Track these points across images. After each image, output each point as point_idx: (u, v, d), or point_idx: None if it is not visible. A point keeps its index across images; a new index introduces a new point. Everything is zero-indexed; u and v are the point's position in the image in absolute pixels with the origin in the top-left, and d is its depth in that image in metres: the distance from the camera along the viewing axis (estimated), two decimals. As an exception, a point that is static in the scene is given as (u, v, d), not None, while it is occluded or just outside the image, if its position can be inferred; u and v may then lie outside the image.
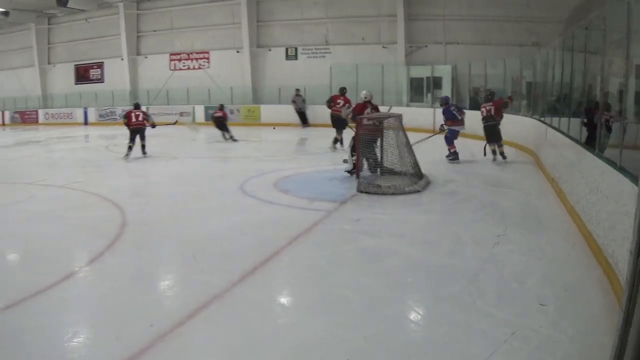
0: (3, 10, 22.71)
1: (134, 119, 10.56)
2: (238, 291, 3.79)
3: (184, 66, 21.26)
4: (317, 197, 6.70)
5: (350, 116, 8.74)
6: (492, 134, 9.11)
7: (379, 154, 7.63)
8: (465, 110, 9.70)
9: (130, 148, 10.56)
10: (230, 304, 3.61)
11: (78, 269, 4.55)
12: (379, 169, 7.49)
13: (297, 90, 17.07)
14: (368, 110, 8.39)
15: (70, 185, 8.49)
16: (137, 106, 11.32)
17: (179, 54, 21.33)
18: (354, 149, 7.80)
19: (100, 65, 23.87)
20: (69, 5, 21.21)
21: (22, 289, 4.00)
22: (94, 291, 4.08)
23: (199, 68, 20.82)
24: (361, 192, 6.80)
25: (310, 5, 18.34)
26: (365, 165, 7.63)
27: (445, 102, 9.58)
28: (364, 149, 7.56)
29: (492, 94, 9.69)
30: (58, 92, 25.36)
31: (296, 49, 18.68)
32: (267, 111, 17.73)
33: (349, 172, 7.92)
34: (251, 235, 5.25)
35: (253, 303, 3.62)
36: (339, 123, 10.70)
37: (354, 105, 9.28)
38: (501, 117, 9.12)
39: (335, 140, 10.94)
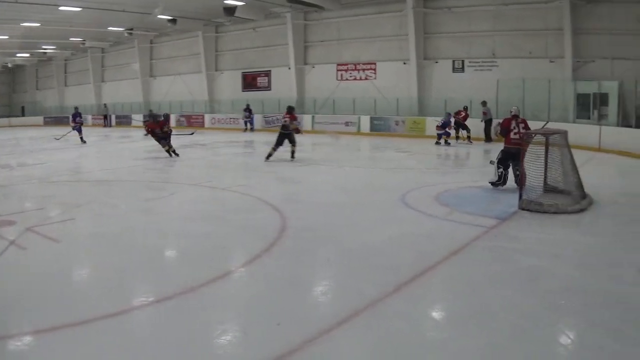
0: (171, 17, 30.13)
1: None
2: (391, 302, 4.81)
3: (350, 77, 28.08)
4: (478, 213, 8.31)
5: (498, 131, 10.74)
6: None
7: (542, 171, 9.14)
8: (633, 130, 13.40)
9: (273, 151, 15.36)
10: (381, 315, 4.59)
11: (234, 269, 6.02)
12: (542, 187, 9.09)
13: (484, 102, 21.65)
14: (514, 124, 10.31)
15: (233, 188, 10.91)
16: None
17: (346, 64, 28.17)
18: (500, 161, 10.28)
19: (267, 74, 31.73)
20: (236, 14, 28.06)
21: (178, 284, 5.35)
22: (248, 292, 5.37)
23: (366, 79, 27.45)
24: (523, 209, 8.42)
25: (477, 17, 23.56)
26: (513, 179, 9.88)
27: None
28: (512, 162, 9.96)
29: None
30: (225, 98, 33.71)
31: (463, 62, 24.12)
32: (433, 123, 22.86)
33: (492, 183, 10.33)
34: (409, 248, 6.72)
35: (404, 315, 4.61)
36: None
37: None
38: None
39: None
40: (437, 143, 20.26)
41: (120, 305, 4.99)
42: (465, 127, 20.97)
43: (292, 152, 15.37)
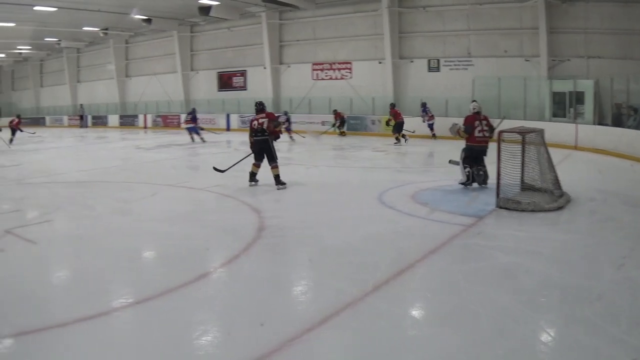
0: (145, 17, 29.81)
1: None
2: (371, 301, 4.83)
3: (326, 76, 27.71)
4: (455, 211, 8.39)
5: (462, 129, 10.47)
6: None
7: (519, 170, 9.17)
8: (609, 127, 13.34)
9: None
10: (361, 314, 4.58)
11: (213, 270, 6.03)
12: (519, 185, 9.15)
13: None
14: (479, 121, 10.32)
15: (211, 189, 10.82)
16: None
17: (322, 63, 27.80)
18: (465, 160, 10.29)
19: (243, 73, 31.21)
20: (211, 14, 27.71)
21: (157, 286, 5.31)
22: (227, 292, 5.37)
23: (342, 78, 27.10)
24: (500, 207, 8.45)
25: (452, 17, 23.37)
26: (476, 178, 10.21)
27: None
28: (476, 160, 10.22)
29: None
30: (201, 98, 33.14)
31: (438, 61, 23.89)
32: (409, 123, 22.51)
33: (463, 184, 10.31)
34: (387, 246, 6.72)
35: (384, 314, 4.60)
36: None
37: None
38: None
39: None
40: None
41: (99, 307, 4.92)
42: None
43: (277, 176, 10.96)
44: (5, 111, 49.02)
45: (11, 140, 23.41)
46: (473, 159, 10.35)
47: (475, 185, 10.40)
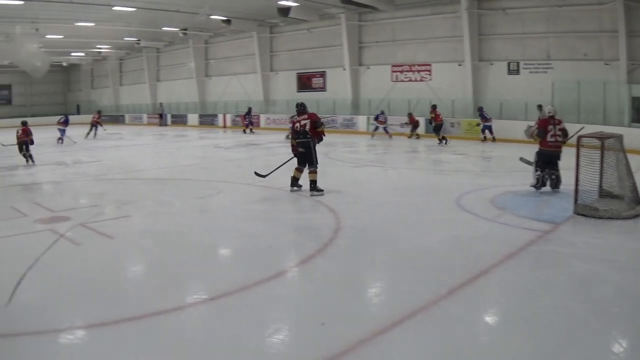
0: (225, 18, 32.19)
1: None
2: (444, 305, 5.09)
3: (405, 78, 29.69)
4: (533, 216, 8.67)
5: (535, 132, 10.91)
6: None
7: (597, 176, 9.28)
8: None
9: None
10: (434, 318, 4.86)
11: (288, 269, 6.40)
12: (598, 192, 9.32)
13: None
14: (552, 125, 10.62)
15: (288, 188, 11.21)
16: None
17: (401, 65, 29.78)
18: (537, 164, 10.68)
19: (322, 74, 33.65)
20: (290, 15, 29.74)
21: (231, 282, 5.76)
22: (301, 292, 5.72)
23: (421, 80, 28.98)
24: (578, 214, 8.67)
25: (531, 18, 24.63)
26: (548, 182, 10.55)
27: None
28: (548, 165, 10.56)
29: None
30: (280, 98, 35.78)
31: (518, 64, 25.30)
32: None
33: (533, 186, 10.69)
34: (463, 250, 6.98)
35: (457, 318, 4.86)
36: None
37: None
38: None
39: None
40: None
41: (173, 302, 5.33)
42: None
43: (313, 182, 10.96)
44: (84, 109, 53.33)
45: (88, 135, 28.12)
46: (545, 163, 10.69)
47: (545, 189, 10.78)
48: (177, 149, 23.77)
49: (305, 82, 34.89)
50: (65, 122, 26.70)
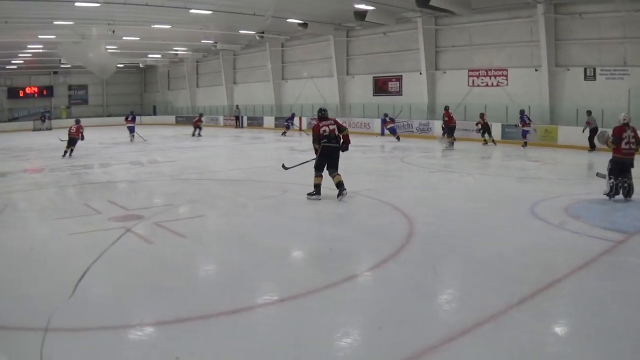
0: (301, 21, 34.99)
1: None
2: (514, 314, 5.34)
3: (482, 82, 31.65)
4: (607, 226, 8.93)
5: (611, 139, 11.27)
6: None
7: None
8: None
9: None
10: (504, 327, 5.09)
11: (359, 273, 6.77)
12: None
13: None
14: (627, 132, 11.06)
15: (362, 192, 11.72)
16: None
17: (477, 70, 31.73)
18: (610, 172, 11.08)
19: (398, 79, 36.11)
20: (367, 19, 32.18)
21: (302, 285, 6.09)
22: (372, 296, 6.01)
23: (497, 85, 30.85)
24: None
25: (607, 23, 25.90)
26: (621, 190, 10.97)
27: None
28: (622, 173, 10.92)
29: None
30: (356, 102, 38.36)
31: (594, 69, 26.71)
32: (565, 132, 25.87)
33: (607, 195, 11.12)
34: (536, 259, 7.27)
35: (527, 328, 5.09)
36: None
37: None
38: None
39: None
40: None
41: (243, 302, 5.64)
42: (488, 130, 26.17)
43: (340, 185, 11.52)
44: (161, 109, 57.48)
45: (193, 134, 33.80)
46: (619, 170, 11.10)
47: (618, 197, 11.22)
48: (252, 150, 25.34)
49: (381, 86, 37.30)
50: (133, 119, 28.99)
